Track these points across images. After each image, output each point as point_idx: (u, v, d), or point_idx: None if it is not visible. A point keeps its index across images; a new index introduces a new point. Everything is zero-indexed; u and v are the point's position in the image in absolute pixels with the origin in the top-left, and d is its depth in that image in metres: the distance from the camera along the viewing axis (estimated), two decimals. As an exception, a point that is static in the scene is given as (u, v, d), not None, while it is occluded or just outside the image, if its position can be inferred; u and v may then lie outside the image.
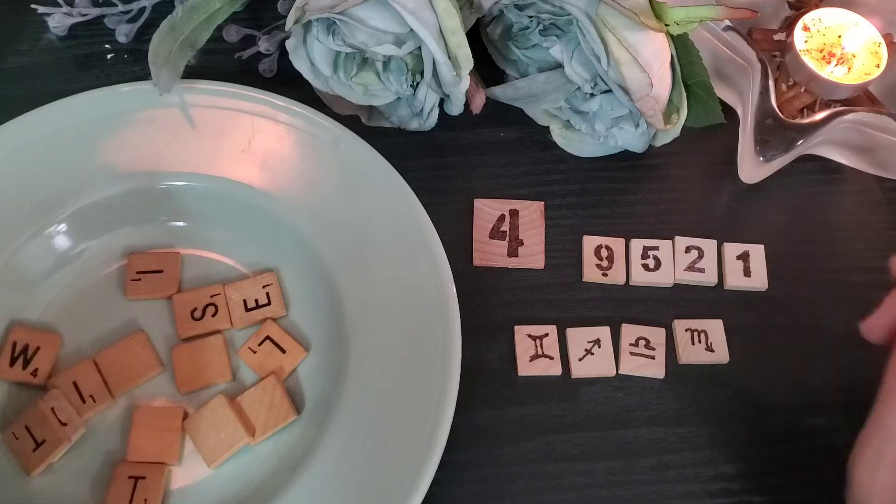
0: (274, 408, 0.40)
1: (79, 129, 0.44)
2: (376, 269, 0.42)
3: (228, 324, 0.42)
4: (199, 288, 0.43)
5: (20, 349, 0.41)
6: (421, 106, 0.46)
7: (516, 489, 0.40)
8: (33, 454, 0.38)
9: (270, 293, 0.43)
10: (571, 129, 0.49)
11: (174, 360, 0.41)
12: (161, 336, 0.42)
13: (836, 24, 0.48)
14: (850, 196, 0.49)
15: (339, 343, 0.41)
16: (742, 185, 0.48)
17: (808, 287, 0.46)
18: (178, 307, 0.43)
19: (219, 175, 0.44)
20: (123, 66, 0.51)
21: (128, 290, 0.43)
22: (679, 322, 0.44)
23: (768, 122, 0.45)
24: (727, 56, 0.47)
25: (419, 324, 0.40)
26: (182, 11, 0.45)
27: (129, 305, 0.43)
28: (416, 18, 0.40)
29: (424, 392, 0.38)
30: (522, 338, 0.43)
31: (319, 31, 0.43)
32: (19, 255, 0.43)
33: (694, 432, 0.42)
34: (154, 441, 0.39)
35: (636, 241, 0.46)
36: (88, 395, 0.40)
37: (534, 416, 0.42)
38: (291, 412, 0.40)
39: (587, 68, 0.44)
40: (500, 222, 0.46)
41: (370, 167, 0.44)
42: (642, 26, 0.41)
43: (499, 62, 0.50)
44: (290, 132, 0.45)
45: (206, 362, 0.41)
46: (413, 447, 0.37)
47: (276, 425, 0.39)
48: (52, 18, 0.52)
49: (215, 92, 0.45)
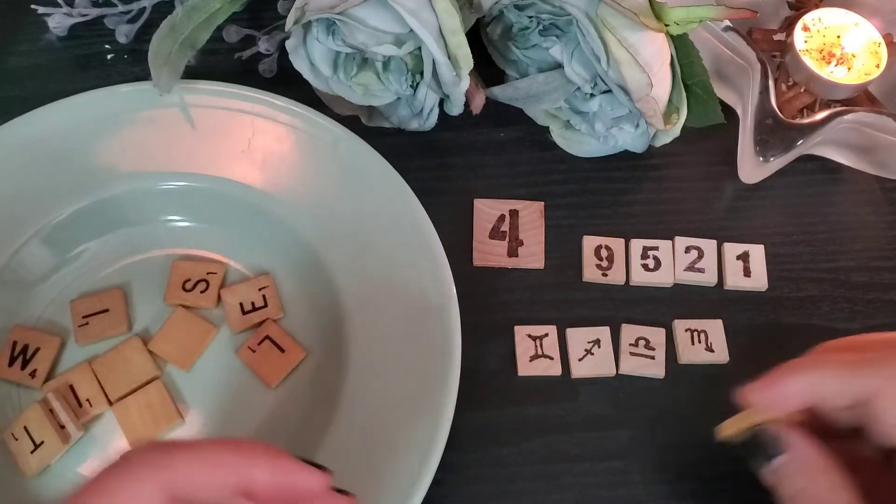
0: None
1: (79, 129, 0.44)
2: (376, 269, 0.42)
3: (213, 304, 0.43)
4: (199, 261, 0.44)
5: (20, 349, 0.41)
6: (421, 106, 0.46)
7: (516, 489, 0.40)
8: (32, 455, 0.38)
9: (267, 295, 0.43)
10: (571, 129, 0.49)
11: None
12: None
13: (836, 24, 0.48)
14: (850, 196, 0.49)
15: (339, 343, 0.41)
16: (742, 185, 0.48)
17: (808, 287, 0.46)
18: (175, 274, 0.43)
19: (219, 175, 0.44)
20: (123, 67, 0.51)
21: (77, 336, 0.42)
22: (679, 322, 0.44)
23: (768, 122, 0.45)
24: (727, 56, 0.47)
25: (419, 324, 0.40)
26: (182, 11, 0.45)
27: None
28: (416, 18, 0.40)
29: (424, 392, 0.38)
30: (522, 338, 0.43)
31: (319, 31, 0.43)
32: (19, 255, 0.43)
33: (694, 432, 0.42)
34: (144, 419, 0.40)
35: (636, 241, 0.46)
36: (85, 400, 0.40)
37: (534, 416, 0.42)
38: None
39: (587, 68, 0.44)
40: (499, 222, 0.46)
41: (370, 167, 0.44)
42: (642, 26, 0.41)
43: (499, 62, 0.50)
44: (290, 132, 0.45)
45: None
46: (413, 447, 0.37)
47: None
48: (52, 19, 0.52)
49: (215, 92, 0.45)
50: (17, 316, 0.42)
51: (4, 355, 0.41)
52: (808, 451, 0.31)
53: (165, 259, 0.44)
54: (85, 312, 0.42)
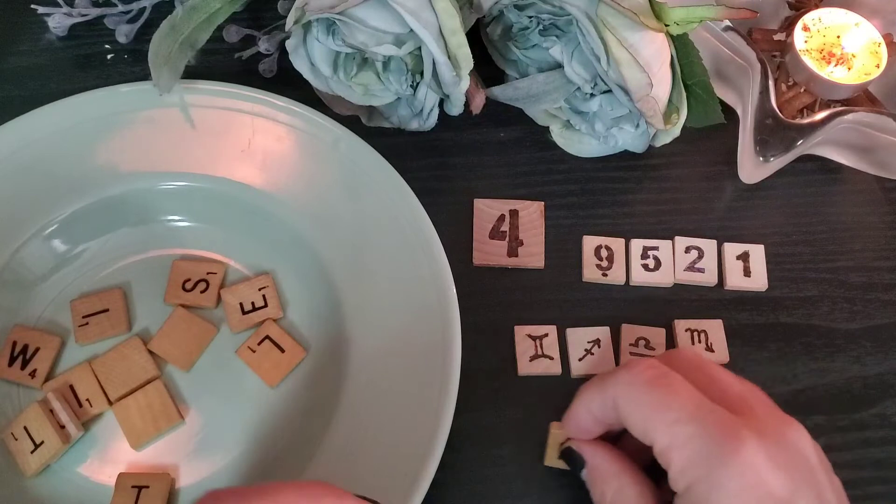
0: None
1: (79, 129, 0.44)
2: (376, 269, 0.42)
3: (213, 303, 0.43)
4: (199, 261, 0.44)
5: (20, 349, 0.41)
6: (421, 106, 0.46)
7: (516, 489, 0.40)
8: (32, 455, 0.38)
9: (267, 295, 0.43)
10: (571, 129, 0.49)
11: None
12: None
13: (836, 24, 0.48)
14: (850, 196, 0.49)
15: (339, 343, 0.41)
16: (742, 185, 0.49)
17: (808, 287, 0.46)
18: (175, 274, 0.43)
19: (219, 175, 0.44)
20: (123, 66, 0.51)
21: (77, 336, 0.42)
22: (679, 322, 0.44)
23: (768, 122, 0.45)
24: (727, 56, 0.47)
25: (419, 324, 0.40)
26: (182, 11, 0.45)
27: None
28: (416, 18, 0.40)
29: (424, 392, 0.38)
30: (522, 338, 0.43)
31: (319, 31, 0.43)
32: (19, 256, 0.43)
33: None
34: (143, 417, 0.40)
35: (636, 241, 0.46)
36: (85, 400, 0.40)
37: (534, 416, 0.42)
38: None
39: (587, 68, 0.44)
40: (500, 222, 0.46)
41: (370, 167, 0.44)
42: (642, 26, 0.41)
43: (499, 62, 0.50)
44: (290, 132, 0.45)
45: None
46: (413, 447, 0.37)
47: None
48: (52, 19, 0.52)
49: (215, 92, 0.45)
50: (17, 316, 0.42)
51: (4, 355, 0.41)
52: (600, 461, 0.36)
53: (165, 259, 0.44)
54: (85, 312, 0.42)
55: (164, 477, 0.38)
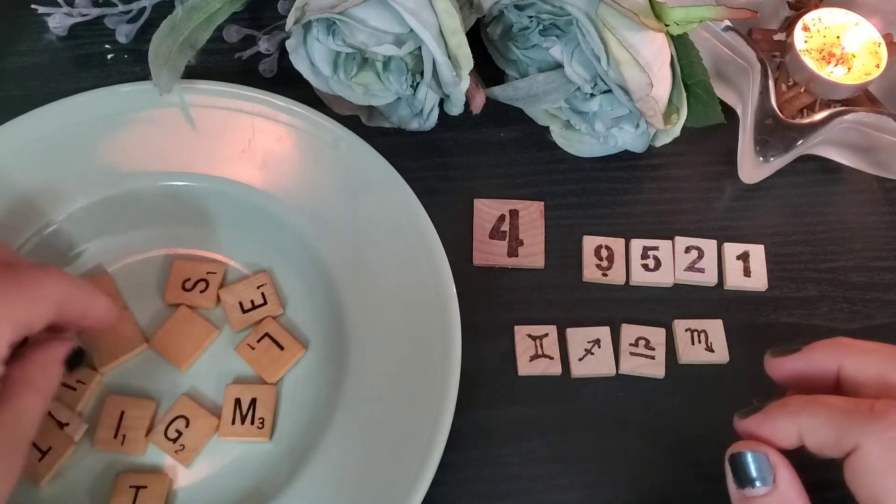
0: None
1: (79, 129, 0.44)
2: (376, 269, 0.42)
3: (213, 304, 0.43)
4: (199, 260, 0.44)
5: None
6: (421, 106, 0.46)
7: (516, 489, 0.40)
8: (40, 463, 0.38)
9: (265, 292, 0.43)
10: (571, 129, 0.49)
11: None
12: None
13: (836, 24, 0.48)
14: (850, 196, 0.49)
15: (339, 343, 0.41)
16: (742, 185, 0.49)
17: (808, 287, 0.46)
18: (175, 274, 0.43)
19: (219, 175, 0.44)
20: (123, 66, 0.51)
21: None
22: (679, 322, 0.44)
23: (768, 122, 0.45)
24: (727, 56, 0.47)
25: (419, 324, 0.40)
26: (182, 11, 0.45)
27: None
28: (416, 18, 0.40)
29: (424, 392, 0.38)
30: (522, 338, 0.43)
31: (319, 31, 0.43)
32: (19, 255, 0.43)
33: (694, 432, 0.42)
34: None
35: (636, 241, 0.46)
36: (76, 381, 0.40)
37: (534, 416, 0.42)
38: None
39: (587, 68, 0.44)
40: (500, 222, 0.46)
41: (370, 167, 0.44)
42: (642, 26, 0.41)
43: (499, 62, 0.50)
44: (291, 132, 0.45)
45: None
46: (413, 447, 0.37)
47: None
48: (52, 18, 0.52)
49: (215, 92, 0.45)
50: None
51: (4, 355, 0.41)
52: (789, 490, 0.30)
53: (165, 259, 0.44)
54: None
55: (163, 477, 0.38)
